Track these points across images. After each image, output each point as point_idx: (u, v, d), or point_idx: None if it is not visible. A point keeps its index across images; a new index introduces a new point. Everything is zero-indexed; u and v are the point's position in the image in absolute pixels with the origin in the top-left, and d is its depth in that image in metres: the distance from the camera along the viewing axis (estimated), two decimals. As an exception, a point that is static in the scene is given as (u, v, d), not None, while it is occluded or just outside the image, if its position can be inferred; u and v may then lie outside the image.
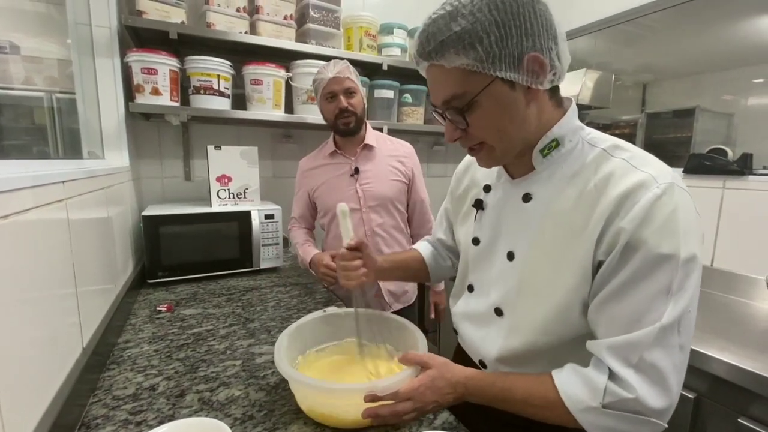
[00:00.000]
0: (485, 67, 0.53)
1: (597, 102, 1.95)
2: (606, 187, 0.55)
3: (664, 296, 0.51)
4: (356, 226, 1.36)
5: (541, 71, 0.54)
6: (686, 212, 0.52)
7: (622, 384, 0.52)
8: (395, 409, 0.63)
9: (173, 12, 1.52)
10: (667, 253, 0.50)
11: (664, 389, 0.52)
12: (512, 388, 0.61)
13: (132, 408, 0.73)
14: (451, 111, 0.59)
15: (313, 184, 1.43)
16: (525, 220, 0.64)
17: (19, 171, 0.59)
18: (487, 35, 0.51)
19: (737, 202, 1.39)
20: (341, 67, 1.29)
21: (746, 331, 1.13)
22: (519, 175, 0.67)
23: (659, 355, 0.51)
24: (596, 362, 0.56)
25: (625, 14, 1.82)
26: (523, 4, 0.52)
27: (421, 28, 0.57)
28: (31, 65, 1.16)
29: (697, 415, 1.02)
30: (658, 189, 0.51)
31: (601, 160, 0.58)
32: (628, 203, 0.52)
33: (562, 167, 0.61)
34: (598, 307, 0.56)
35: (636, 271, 0.51)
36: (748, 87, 1.52)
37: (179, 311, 1.20)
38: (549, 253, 0.60)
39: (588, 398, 0.53)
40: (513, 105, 0.56)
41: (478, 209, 0.73)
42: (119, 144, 1.47)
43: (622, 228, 0.52)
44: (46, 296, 0.63)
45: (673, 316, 0.50)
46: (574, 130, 0.61)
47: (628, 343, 0.52)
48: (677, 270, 0.50)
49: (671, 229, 0.50)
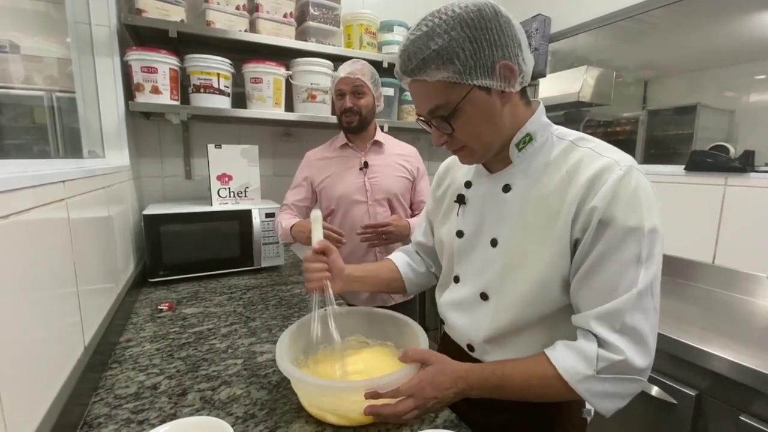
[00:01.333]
0: (464, 78, 0.59)
1: (598, 99, 1.94)
2: (576, 172, 0.62)
3: (635, 264, 0.57)
4: (362, 218, 1.40)
5: (511, 76, 0.61)
6: (645, 190, 0.58)
7: (611, 348, 0.57)
8: (397, 409, 0.64)
9: (173, 10, 1.51)
10: (634, 225, 0.56)
11: (645, 348, 0.58)
12: (511, 373, 0.64)
13: (134, 407, 0.73)
14: (436, 119, 0.65)
15: (320, 174, 1.44)
16: (506, 208, 0.69)
17: (20, 170, 0.59)
18: (463, 50, 0.58)
19: (739, 199, 1.39)
20: (355, 67, 1.34)
21: (748, 328, 1.13)
22: (497, 170, 0.72)
23: (639, 318, 0.57)
24: (583, 334, 0.61)
25: (627, 11, 1.81)
26: (489, 20, 0.58)
27: (401, 48, 0.63)
28: (30, 64, 1.15)
29: (698, 413, 1.02)
30: (620, 170, 0.58)
31: (569, 151, 0.65)
32: (597, 184, 0.58)
33: (536, 159, 0.68)
34: (579, 282, 0.61)
35: (609, 245, 0.58)
36: (750, 83, 1.51)
37: (180, 310, 1.21)
38: (530, 235, 0.66)
39: (583, 368, 0.58)
40: (491, 108, 0.63)
41: (461, 204, 0.77)
42: (119, 143, 1.47)
43: (595, 206, 0.58)
44: (48, 296, 0.63)
45: (646, 281, 0.57)
46: (543, 126, 0.68)
47: (611, 311, 0.57)
48: (644, 240, 0.57)
49: (635, 204, 0.57)
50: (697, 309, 1.27)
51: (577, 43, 2.11)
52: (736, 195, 1.39)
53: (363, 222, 1.39)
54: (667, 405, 1.06)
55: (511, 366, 0.64)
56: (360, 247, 1.39)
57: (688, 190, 1.49)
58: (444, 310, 0.82)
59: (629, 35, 1.91)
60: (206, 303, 1.27)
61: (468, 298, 0.75)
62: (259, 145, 1.66)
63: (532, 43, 2.07)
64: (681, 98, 1.76)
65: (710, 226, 1.45)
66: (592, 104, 1.98)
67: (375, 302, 1.46)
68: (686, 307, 1.29)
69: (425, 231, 0.96)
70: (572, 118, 2.09)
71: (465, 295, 0.76)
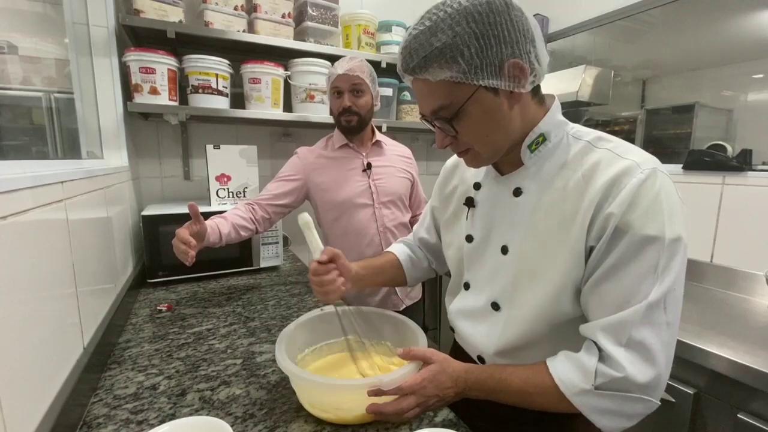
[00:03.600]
0: (469, 78, 0.55)
1: (596, 98, 1.95)
2: (593, 176, 0.57)
3: (651, 276, 0.53)
4: (368, 221, 1.34)
5: (521, 75, 0.56)
6: (669, 195, 0.54)
7: (612, 364, 0.54)
8: (399, 406, 0.64)
9: (171, 11, 1.51)
10: (653, 234, 0.52)
11: (652, 366, 0.53)
12: (509, 378, 0.62)
13: (133, 407, 0.73)
14: (439, 120, 0.61)
15: (319, 175, 1.35)
16: (517, 213, 0.66)
17: (18, 171, 0.59)
18: (468, 48, 0.53)
19: (737, 198, 1.39)
20: (353, 64, 1.26)
21: (746, 326, 1.13)
22: (508, 171, 0.68)
23: (647, 333, 0.53)
24: (587, 346, 0.58)
25: (624, 10, 1.81)
26: (499, 13, 0.53)
27: (403, 44, 0.58)
28: (29, 65, 1.15)
29: (696, 411, 1.02)
30: (642, 174, 0.53)
31: (586, 152, 0.60)
32: (615, 189, 0.54)
33: (549, 161, 0.63)
34: (590, 290, 0.58)
35: (624, 253, 0.54)
36: (748, 82, 1.51)
37: (179, 310, 1.21)
38: (542, 243, 0.62)
39: (581, 381, 0.55)
40: (498, 110, 0.58)
41: (470, 207, 0.74)
42: (118, 144, 1.46)
43: (611, 213, 0.54)
44: (47, 296, 0.63)
45: (658, 294, 0.52)
46: (558, 125, 0.64)
47: (617, 322, 0.54)
48: (663, 250, 0.52)
49: (656, 212, 0.52)
50: (695, 307, 1.28)
51: (575, 42, 2.12)
52: (734, 194, 1.39)
53: (369, 226, 1.34)
54: (666, 403, 1.06)
55: (510, 371, 0.63)
56: (365, 254, 1.33)
57: (686, 189, 1.50)
58: (454, 318, 0.80)
59: (627, 35, 1.91)
60: (205, 303, 1.27)
61: (479, 307, 0.72)
62: (258, 145, 1.66)
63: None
64: (679, 97, 1.76)
65: (708, 225, 1.46)
66: (590, 104, 1.99)
67: (387, 307, 1.40)
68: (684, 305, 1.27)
69: (428, 227, 0.94)
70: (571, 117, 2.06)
71: (476, 305, 0.73)
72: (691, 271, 1.50)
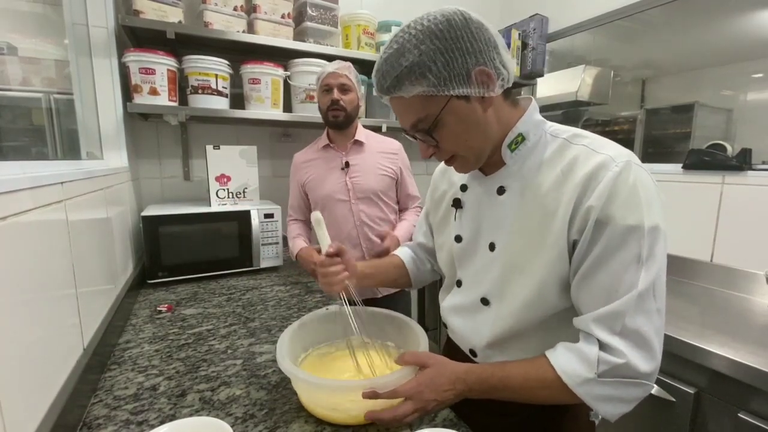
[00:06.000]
0: (439, 90, 0.58)
1: (596, 98, 1.95)
2: (571, 171, 0.60)
3: (636, 265, 0.55)
4: (345, 216, 1.45)
5: (489, 81, 0.60)
6: (645, 186, 0.56)
7: (612, 351, 0.56)
8: (396, 413, 0.64)
9: (170, 11, 1.51)
10: (633, 224, 0.55)
11: (649, 352, 0.56)
12: (510, 375, 0.63)
13: (133, 408, 0.73)
14: (420, 133, 0.64)
15: (305, 176, 1.49)
16: (502, 211, 0.68)
17: (18, 172, 0.59)
18: (434, 63, 0.57)
19: (737, 197, 1.39)
20: (341, 64, 1.39)
21: (746, 326, 1.13)
22: (491, 171, 0.71)
23: (641, 321, 0.55)
24: (585, 336, 0.60)
25: (624, 10, 1.81)
26: (459, 28, 0.57)
27: (375, 68, 0.63)
28: (28, 66, 1.15)
29: (697, 410, 1.02)
30: (617, 167, 0.56)
31: (564, 148, 0.63)
32: (593, 182, 0.57)
33: (530, 159, 0.66)
34: (578, 284, 0.60)
35: (607, 245, 0.56)
36: (747, 82, 1.52)
37: (179, 311, 1.21)
38: (526, 238, 0.65)
39: (584, 371, 0.57)
40: (472, 116, 0.62)
41: (458, 208, 0.77)
42: (118, 144, 1.46)
43: (591, 206, 0.56)
44: (46, 297, 0.63)
45: (647, 283, 0.55)
46: (536, 124, 0.67)
47: (611, 313, 0.56)
48: (644, 239, 0.55)
49: (634, 203, 0.55)
50: (695, 307, 1.28)
51: (574, 42, 2.12)
52: (734, 193, 1.39)
53: (347, 221, 1.44)
54: (666, 403, 1.06)
55: (511, 367, 0.64)
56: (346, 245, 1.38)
57: (686, 188, 1.50)
58: (446, 315, 0.82)
59: (627, 34, 1.91)
60: (205, 304, 1.27)
61: (469, 303, 0.75)
62: (258, 145, 1.66)
63: (529, 43, 2.07)
64: (679, 97, 1.76)
65: (708, 225, 1.46)
66: (590, 103, 1.99)
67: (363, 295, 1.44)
68: (685, 305, 1.29)
69: (426, 232, 0.96)
70: (570, 117, 2.10)
71: (466, 300, 0.76)
72: (691, 271, 1.50)
